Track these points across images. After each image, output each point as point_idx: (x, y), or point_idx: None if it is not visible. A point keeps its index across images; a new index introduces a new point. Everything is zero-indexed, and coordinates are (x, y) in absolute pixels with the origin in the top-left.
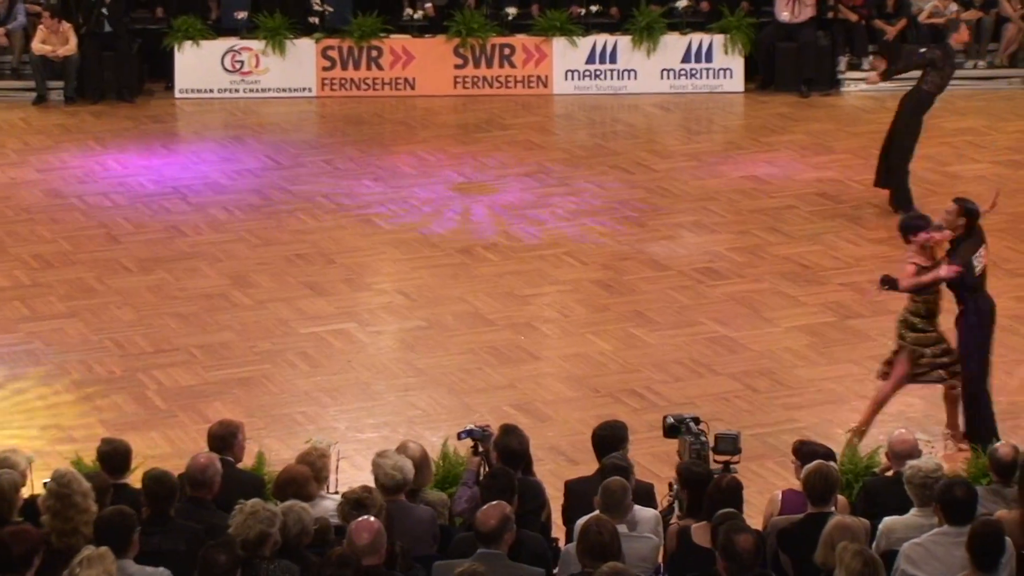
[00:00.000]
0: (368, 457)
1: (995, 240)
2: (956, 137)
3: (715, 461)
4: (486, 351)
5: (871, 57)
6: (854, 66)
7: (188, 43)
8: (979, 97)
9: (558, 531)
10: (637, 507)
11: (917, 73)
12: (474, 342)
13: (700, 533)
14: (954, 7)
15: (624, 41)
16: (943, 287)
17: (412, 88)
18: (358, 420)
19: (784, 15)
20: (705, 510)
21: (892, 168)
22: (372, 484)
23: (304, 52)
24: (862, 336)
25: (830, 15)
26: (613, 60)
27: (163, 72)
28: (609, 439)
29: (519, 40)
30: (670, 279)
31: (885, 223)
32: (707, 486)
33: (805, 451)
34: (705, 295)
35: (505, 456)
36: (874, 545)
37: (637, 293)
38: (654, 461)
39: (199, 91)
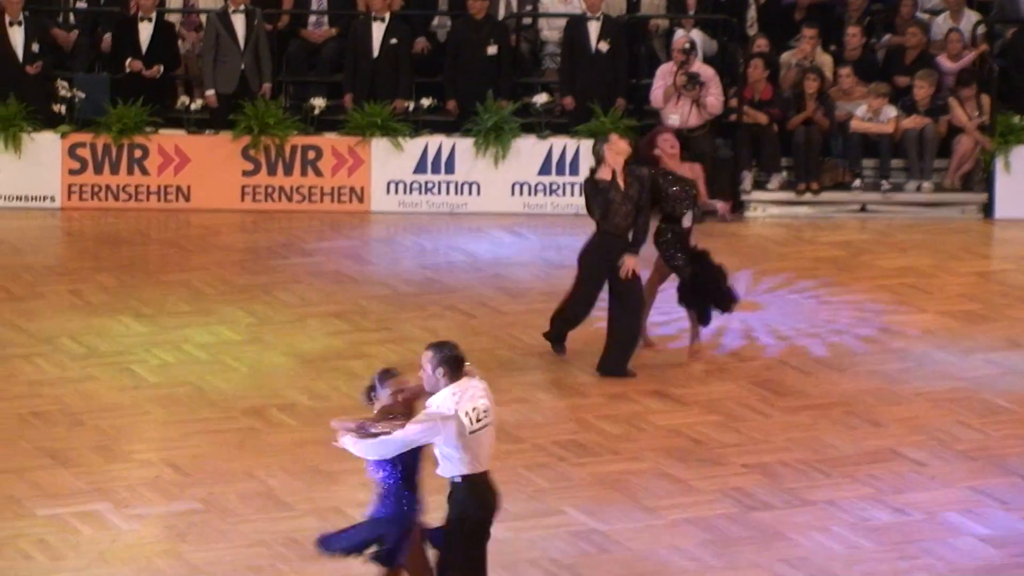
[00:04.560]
0: None
1: None
2: (894, 279)
3: None
4: (282, 543)
5: (783, 173)
6: (761, 184)
7: None
8: (923, 228)
9: None
10: None
11: None
12: (265, 531)
13: None
14: (892, 112)
15: (464, 144)
16: None
17: (187, 199)
18: None
19: (673, 117)
20: None
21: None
22: None
23: (46, 150)
24: None
25: (732, 118)
26: (450, 169)
27: None
28: None
29: (327, 140)
30: (523, 454)
31: None
32: None
33: None
34: (567, 476)
35: None
36: None
37: None
38: None
39: None
